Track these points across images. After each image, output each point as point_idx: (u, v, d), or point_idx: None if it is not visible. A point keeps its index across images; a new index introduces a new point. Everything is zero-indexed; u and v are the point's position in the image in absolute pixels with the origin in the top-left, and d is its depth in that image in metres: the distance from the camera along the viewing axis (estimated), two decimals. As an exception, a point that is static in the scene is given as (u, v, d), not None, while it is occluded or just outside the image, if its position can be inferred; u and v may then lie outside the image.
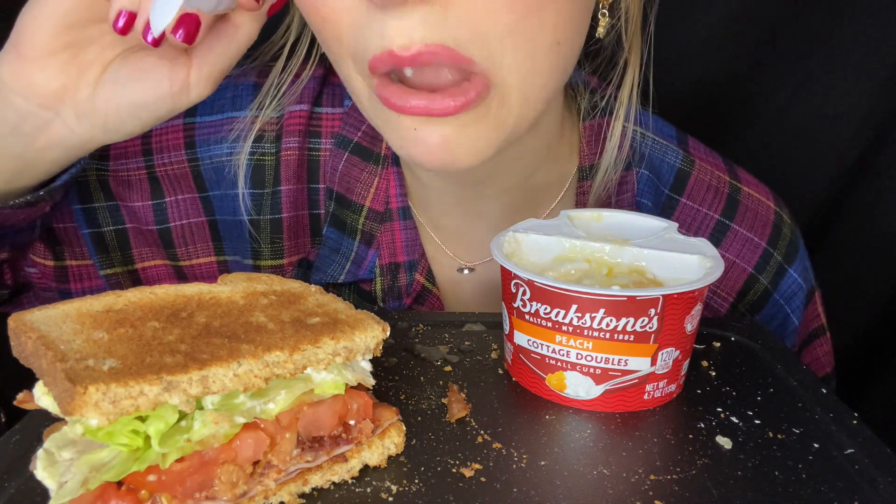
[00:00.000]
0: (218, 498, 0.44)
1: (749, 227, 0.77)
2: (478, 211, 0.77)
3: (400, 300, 0.77)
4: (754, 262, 0.77)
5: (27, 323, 0.45)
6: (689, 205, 0.77)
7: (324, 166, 0.77)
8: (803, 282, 0.80)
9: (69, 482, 0.41)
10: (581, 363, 0.55)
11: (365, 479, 0.49)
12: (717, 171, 0.79)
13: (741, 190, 0.78)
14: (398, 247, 0.76)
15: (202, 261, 0.81)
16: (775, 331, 0.81)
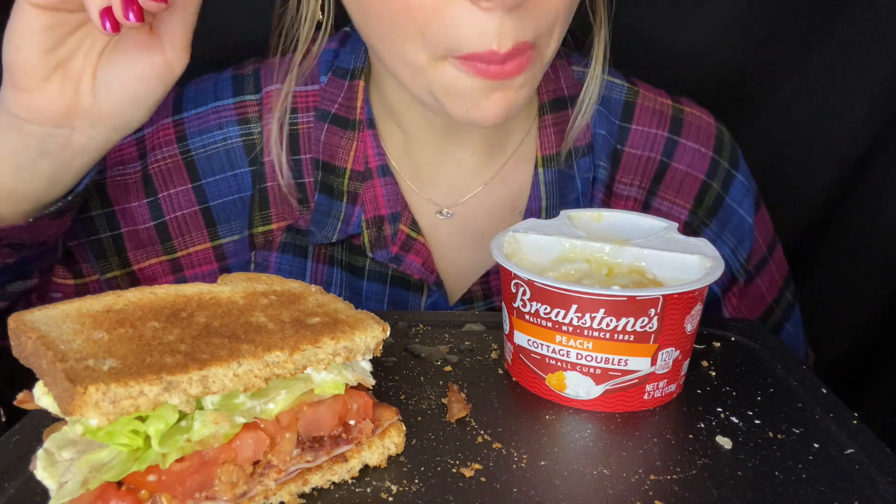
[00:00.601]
0: (218, 498, 0.44)
1: (695, 140, 0.86)
2: (455, 158, 0.84)
3: (387, 248, 0.82)
4: (705, 170, 0.87)
5: (27, 323, 0.45)
6: (639, 129, 0.86)
7: (304, 138, 0.84)
8: (748, 182, 0.89)
9: (69, 482, 0.41)
10: (581, 363, 0.55)
11: (365, 479, 0.49)
12: (659, 97, 0.88)
13: (683, 111, 0.88)
14: (380, 201, 0.83)
15: (198, 248, 0.86)
16: (733, 231, 0.88)
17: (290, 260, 0.85)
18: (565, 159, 0.83)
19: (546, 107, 0.84)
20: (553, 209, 0.83)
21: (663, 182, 0.86)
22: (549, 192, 0.83)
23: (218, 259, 0.87)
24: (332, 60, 0.84)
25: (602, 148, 0.85)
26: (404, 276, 0.83)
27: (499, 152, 0.85)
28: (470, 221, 0.85)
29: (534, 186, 0.83)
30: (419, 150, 0.84)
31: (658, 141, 0.86)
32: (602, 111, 0.85)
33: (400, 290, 0.84)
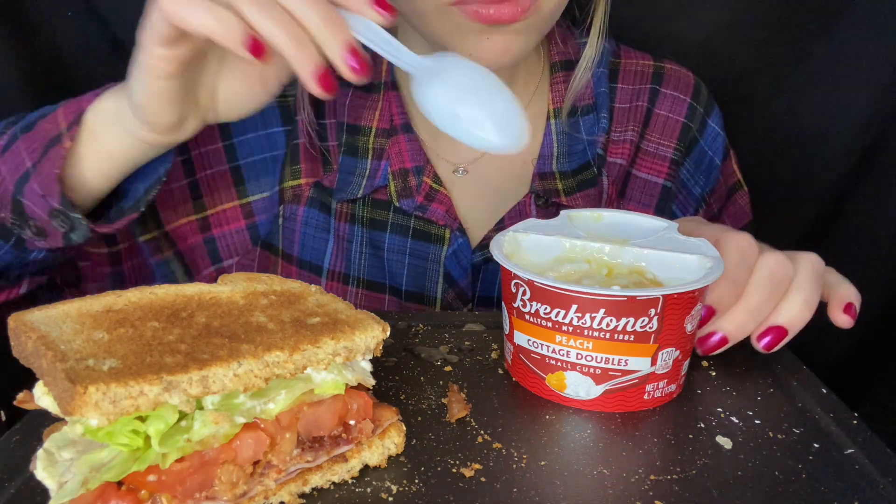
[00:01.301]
0: (218, 498, 0.44)
1: (675, 88, 0.96)
2: None
3: (412, 198, 0.88)
4: (684, 113, 0.96)
5: (27, 323, 0.45)
6: (624, 87, 0.96)
7: (329, 104, 0.90)
8: (720, 129, 0.98)
9: (69, 482, 0.41)
10: (581, 363, 0.55)
11: (365, 479, 0.49)
12: (641, 60, 0.98)
13: (664, 67, 0.98)
14: (405, 155, 0.88)
15: (226, 206, 0.90)
16: (704, 171, 0.98)
17: (317, 215, 0.89)
18: (571, 114, 0.92)
19: (557, 66, 0.93)
20: (563, 157, 0.91)
21: (650, 126, 0.96)
22: (559, 141, 0.91)
23: (246, 216, 0.90)
24: None
25: (602, 103, 0.94)
26: (426, 228, 0.88)
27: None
28: (483, 177, 0.92)
29: (546, 136, 0.91)
30: None
31: (642, 92, 0.96)
32: (604, 73, 0.95)
33: (421, 243, 0.88)
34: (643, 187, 0.95)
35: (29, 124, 0.70)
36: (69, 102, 0.70)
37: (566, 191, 0.90)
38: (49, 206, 0.67)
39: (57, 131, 0.68)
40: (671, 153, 0.96)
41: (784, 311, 0.61)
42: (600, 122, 0.93)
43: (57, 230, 0.68)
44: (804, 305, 0.61)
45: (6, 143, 0.70)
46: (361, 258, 0.90)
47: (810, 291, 0.62)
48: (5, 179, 0.69)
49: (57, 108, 0.70)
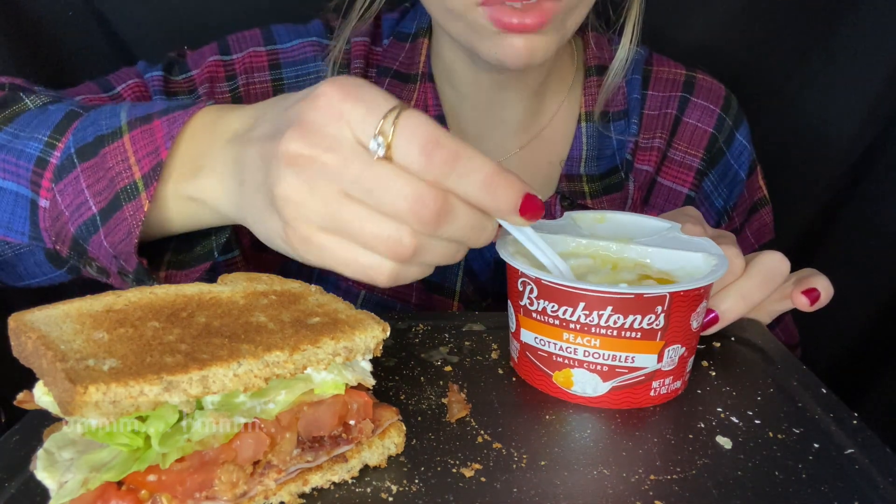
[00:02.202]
0: (218, 498, 0.44)
1: (705, 98, 0.96)
2: (500, 119, 0.92)
3: None
4: (713, 124, 0.95)
5: (27, 323, 0.45)
6: (655, 94, 0.96)
7: None
8: (747, 143, 0.97)
9: (69, 482, 0.41)
10: (588, 360, 0.55)
11: (365, 479, 0.49)
12: (674, 68, 0.98)
13: (696, 77, 0.97)
14: None
15: None
16: (728, 185, 0.97)
17: None
18: (602, 118, 0.93)
19: (592, 70, 0.93)
20: (592, 160, 0.92)
21: (677, 134, 0.95)
22: (589, 144, 0.92)
23: None
24: (393, 27, 0.94)
25: (634, 109, 0.94)
26: None
27: (540, 113, 0.93)
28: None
29: (576, 138, 0.92)
30: (467, 109, 0.92)
31: (672, 100, 0.95)
32: (637, 79, 0.95)
33: None
34: (667, 195, 0.95)
35: (87, 146, 0.61)
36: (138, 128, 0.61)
37: (592, 194, 0.90)
38: (120, 267, 0.63)
39: (130, 178, 0.60)
40: (697, 163, 0.96)
41: (721, 297, 0.64)
42: (630, 127, 0.93)
43: (123, 280, 0.64)
44: (739, 296, 0.64)
45: (60, 161, 0.62)
46: None
47: (751, 284, 0.64)
48: (63, 215, 0.62)
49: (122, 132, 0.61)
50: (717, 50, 1.08)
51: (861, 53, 1.05)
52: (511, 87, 0.90)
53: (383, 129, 0.47)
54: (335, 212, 0.49)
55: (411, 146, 0.47)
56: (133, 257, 0.61)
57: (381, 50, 0.94)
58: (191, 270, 0.67)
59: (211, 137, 0.59)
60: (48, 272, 0.72)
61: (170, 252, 0.68)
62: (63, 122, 0.64)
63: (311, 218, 0.49)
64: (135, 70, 0.87)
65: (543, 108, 0.94)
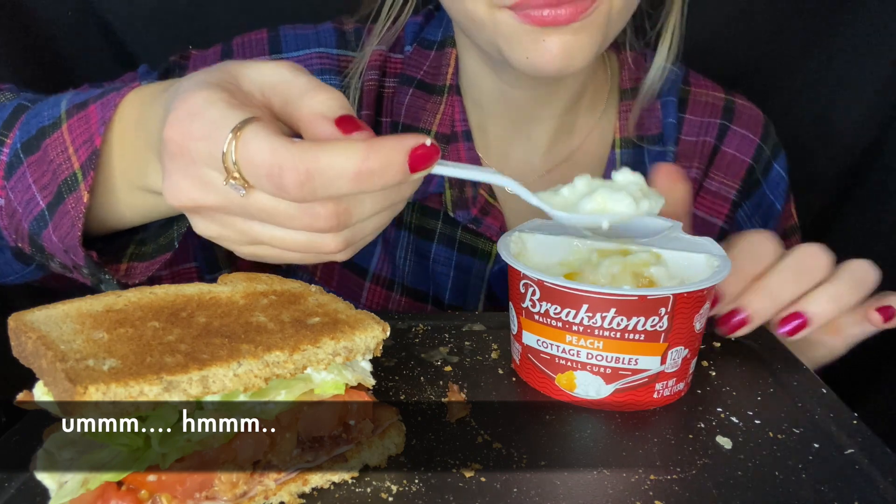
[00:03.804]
0: (218, 498, 0.44)
1: (745, 127, 0.92)
2: (528, 136, 0.88)
3: (467, 210, 0.85)
4: (751, 154, 0.91)
5: (27, 323, 0.45)
6: (692, 119, 0.91)
7: (387, 102, 0.87)
8: (784, 173, 0.94)
9: (69, 482, 0.41)
10: (591, 363, 0.55)
11: (365, 479, 0.49)
12: (712, 91, 0.93)
13: (735, 102, 0.93)
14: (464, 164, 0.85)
15: None
16: (762, 216, 0.94)
17: None
18: (637, 143, 0.88)
19: (628, 93, 0.89)
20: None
21: (714, 164, 0.91)
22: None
23: None
24: (417, 32, 0.88)
25: (670, 135, 0.89)
26: (473, 242, 0.85)
27: (570, 133, 0.89)
28: None
29: (609, 164, 0.88)
30: (493, 124, 0.87)
31: (711, 127, 0.91)
32: (672, 101, 0.90)
33: (467, 257, 0.86)
34: (700, 226, 0.90)
35: (30, 140, 0.60)
36: (75, 115, 0.59)
37: None
38: (73, 262, 0.61)
39: (69, 169, 0.59)
40: (733, 194, 0.92)
41: (810, 300, 0.62)
42: (667, 156, 0.89)
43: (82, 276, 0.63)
44: (829, 298, 0.62)
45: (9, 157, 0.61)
46: (406, 265, 0.87)
47: (842, 288, 0.62)
48: (17, 212, 0.61)
49: (61, 121, 0.60)
50: (718, 48, 1.08)
51: (863, 51, 1.05)
52: (540, 104, 0.85)
53: (228, 167, 0.45)
54: (252, 236, 0.49)
55: (261, 181, 0.44)
56: (79, 250, 0.59)
57: (402, 58, 0.88)
58: (151, 262, 0.65)
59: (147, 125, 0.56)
60: (18, 270, 0.71)
61: (133, 244, 0.66)
62: (10, 117, 0.63)
63: (237, 241, 0.51)
64: (135, 74, 0.85)
65: (575, 128, 0.89)
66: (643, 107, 0.88)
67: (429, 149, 0.45)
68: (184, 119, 0.46)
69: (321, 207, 0.46)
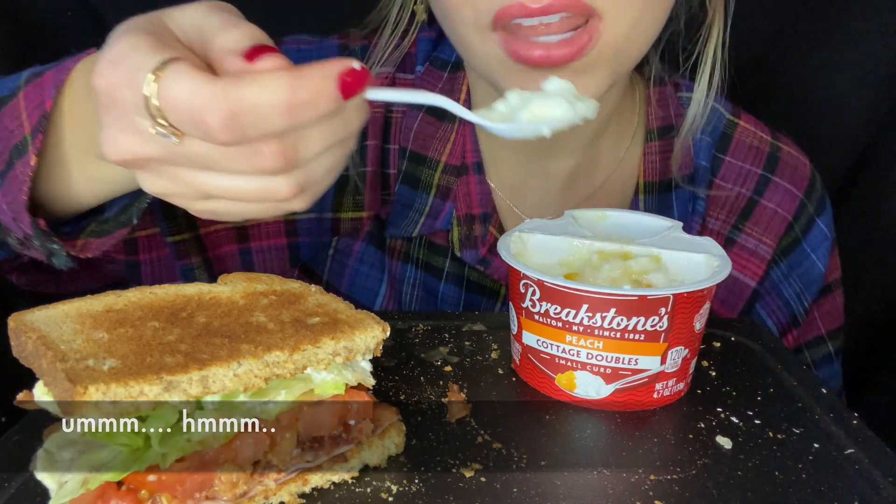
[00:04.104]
0: (218, 498, 0.44)
1: (789, 180, 0.84)
2: (545, 171, 0.81)
3: (475, 249, 0.79)
4: (792, 211, 0.84)
5: (27, 323, 0.45)
6: (733, 162, 0.83)
7: (396, 126, 0.81)
8: (829, 232, 0.86)
9: (69, 482, 0.41)
10: (591, 363, 0.55)
11: (365, 479, 0.49)
12: (759, 132, 0.85)
13: (781, 149, 0.85)
14: (473, 199, 0.79)
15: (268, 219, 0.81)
16: (801, 276, 0.86)
17: (374, 252, 0.81)
18: (664, 187, 0.81)
19: (653, 134, 0.81)
20: None
21: (751, 218, 0.83)
22: None
23: (288, 235, 0.81)
24: (430, 51, 0.81)
25: (702, 180, 0.82)
26: (481, 280, 0.81)
27: (592, 170, 0.82)
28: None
29: (632, 206, 0.82)
30: (507, 158, 0.81)
31: (751, 177, 0.83)
32: (707, 141, 0.82)
33: (475, 295, 0.81)
34: (731, 286, 0.83)
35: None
36: (31, 83, 0.58)
37: None
38: (24, 232, 0.58)
39: (20, 135, 0.56)
40: (770, 254, 0.84)
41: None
42: (696, 206, 0.81)
43: (35, 249, 0.60)
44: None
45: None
46: (413, 302, 0.83)
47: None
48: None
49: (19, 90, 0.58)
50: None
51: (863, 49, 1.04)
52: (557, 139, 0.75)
53: (153, 113, 0.41)
54: (201, 188, 0.46)
55: (187, 126, 0.41)
56: (24, 215, 0.57)
57: (413, 78, 0.82)
58: (109, 237, 0.62)
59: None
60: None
61: (95, 223, 0.63)
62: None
63: (190, 196, 0.47)
64: None
65: (597, 165, 0.82)
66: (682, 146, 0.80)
67: (359, 73, 0.42)
68: (109, 66, 0.43)
69: (264, 146, 0.42)
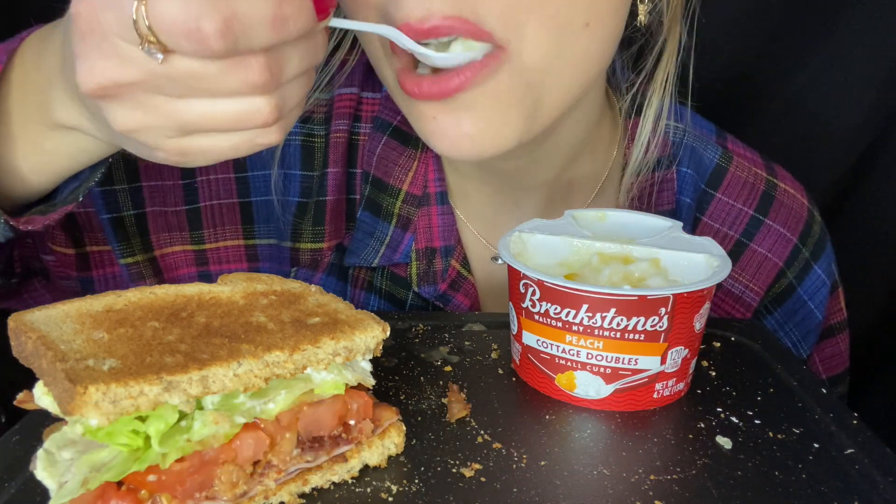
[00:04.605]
0: (218, 498, 0.44)
1: (783, 223, 0.79)
2: (514, 202, 0.78)
3: (435, 285, 0.76)
4: (785, 257, 0.79)
5: (27, 323, 0.45)
6: (724, 199, 0.78)
7: (362, 150, 0.77)
8: (827, 278, 0.81)
9: (69, 482, 0.41)
10: (591, 363, 0.55)
11: (365, 479, 0.49)
12: (754, 167, 0.80)
13: (777, 186, 0.79)
14: (435, 232, 0.76)
15: (229, 243, 0.79)
16: (798, 325, 0.82)
17: (334, 283, 0.78)
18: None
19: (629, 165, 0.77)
20: None
21: (738, 263, 0.79)
22: None
23: (249, 260, 0.80)
24: None
25: (686, 217, 0.78)
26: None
27: (566, 200, 0.79)
28: None
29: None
30: (475, 190, 0.78)
31: (741, 218, 0.78)
32: (691, 175, 0.78)
33: None
34: None
35: None
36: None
37: None
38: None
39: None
40: (757, 302, 0.79)
41: None
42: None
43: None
44: None
45: None
46: None
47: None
48: None
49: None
50: (717, 49, 1.08)
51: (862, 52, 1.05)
52: (524, 172, 0.74)
53: (142, 32, 0.41)
54: (180, 119, 0.45)
55: (179, 40, 0.41)
56: None
57: (380, 98, 0.77)
58: (54, 213, 0.61)
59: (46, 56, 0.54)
60: None
61: (43, 205, 0.63)
62: None
63: (165, 133, 0.47)
64: None
65: (573, 194, 0.79)
66: (642, 184, 0.75)
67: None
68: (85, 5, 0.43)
69: (252, 58, 0.43)
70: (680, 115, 0.78)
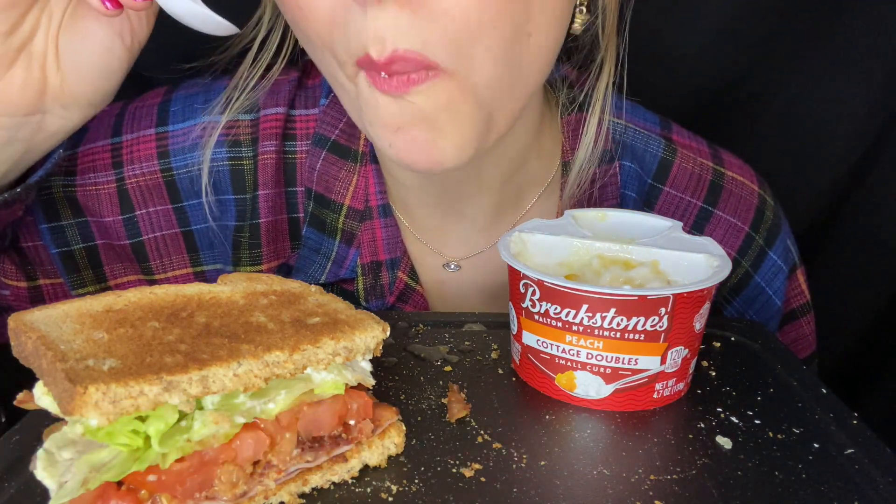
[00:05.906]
0: (218, 498, 0.44)
1: (732, 212, 0.78)
2: (459, 210, 0.77)
3: (382, 299, 0.76)
4: (737, 247, 0.78)
5: (27, 323, 0.45)
6: (672, 193, 0.78)
7: (301, 168, 0.77)
8: (784, 263, 0.81)
9: (69, 482, 0.41)
10: (591, 363, 0.55)
11: (365, 479, 0.49)
12: (700, 157, 0.79)
13: (724, 175, 0.79)
14: (379, 245, 0.76)
15: (178, 273, 0.79)
16: (758, 312, 0.82)
17: None
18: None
19: (569, 166, 0.76)
20: None
21: None
22: None
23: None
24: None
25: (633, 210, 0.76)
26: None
27: (515, 206, 0.78)
28: (479, 277, 0.78)
29: None
30: (418, 201, 0.77)
31: (690, 210, 0.77)
32: (634, 170, 0.77)
33: None
34: None
35: None
36: None
37: None
38: None
39: None
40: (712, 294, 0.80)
41: None
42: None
43: None
44: None
45: None
46: None
47: None
48: None
49: None
50: (714, 52, 1.08)
51: (861, 54, 1.05)
52: (467, 182, 0.73)
53: None
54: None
55: None
56: None
57: (316, 113, 0.76)
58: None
59: None
60: None
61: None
62: None
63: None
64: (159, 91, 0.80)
65: (521, 199, 0.78)
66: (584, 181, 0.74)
67: None
68: None
69: None
70: (622, 109, 0.77)
